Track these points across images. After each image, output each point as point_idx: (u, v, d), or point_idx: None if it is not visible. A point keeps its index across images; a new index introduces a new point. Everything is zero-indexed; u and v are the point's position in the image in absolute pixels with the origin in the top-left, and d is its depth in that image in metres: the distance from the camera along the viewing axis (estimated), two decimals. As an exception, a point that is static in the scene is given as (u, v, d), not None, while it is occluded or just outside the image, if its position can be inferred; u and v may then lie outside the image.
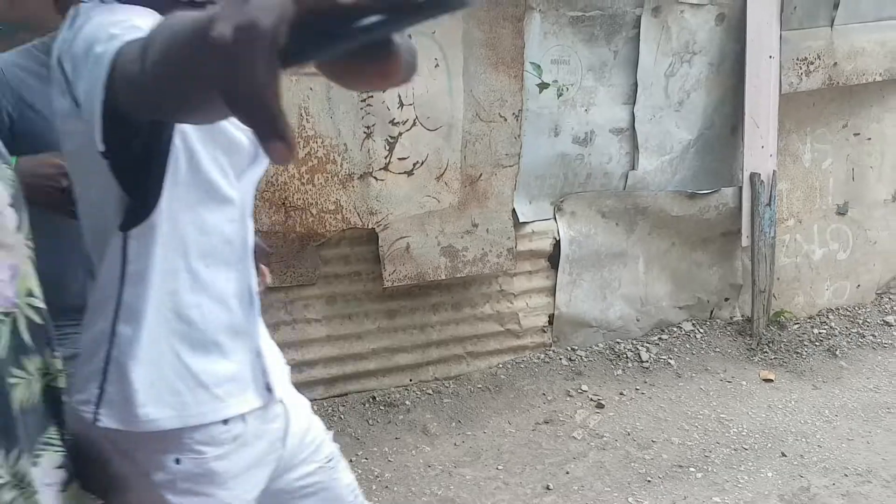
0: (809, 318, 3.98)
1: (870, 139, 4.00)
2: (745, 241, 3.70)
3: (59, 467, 0.87)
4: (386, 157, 3.00)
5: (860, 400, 3.30)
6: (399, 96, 2.95)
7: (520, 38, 3.11)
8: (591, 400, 3.31)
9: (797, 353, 3.69)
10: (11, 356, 0.81)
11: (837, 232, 4.04)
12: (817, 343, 3.77)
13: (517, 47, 3.11)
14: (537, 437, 3.06)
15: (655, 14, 3.39)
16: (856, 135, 3.98)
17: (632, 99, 3.48)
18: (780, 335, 3.78)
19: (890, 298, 4.16)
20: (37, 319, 0.86)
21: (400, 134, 3.00)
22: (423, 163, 3.07)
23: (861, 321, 3.99)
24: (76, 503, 0.89)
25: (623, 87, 3.46)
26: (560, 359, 3.58)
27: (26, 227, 0.85)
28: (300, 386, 3.40)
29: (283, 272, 2.97)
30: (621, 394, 3.36)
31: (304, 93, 2.77)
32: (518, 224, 3.36)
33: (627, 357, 3.62)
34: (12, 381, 0.80)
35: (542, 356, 3.58)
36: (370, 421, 3.14)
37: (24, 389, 0.82)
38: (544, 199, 3.44)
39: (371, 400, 3.24)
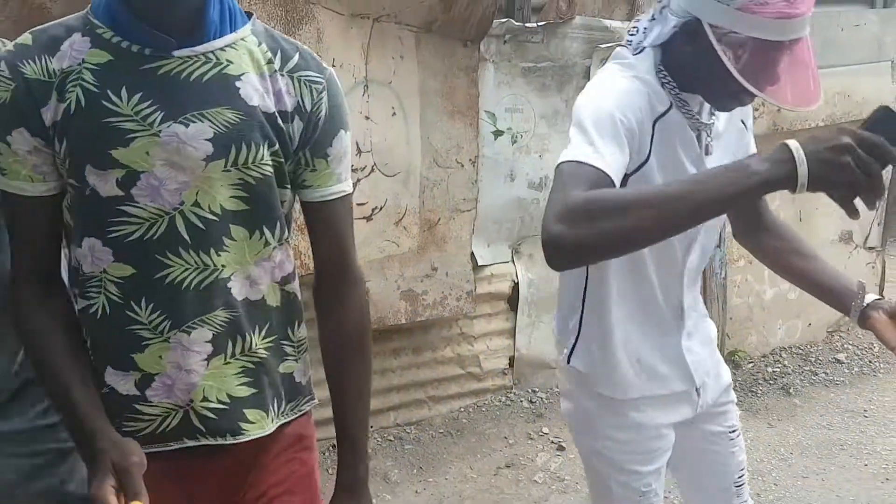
0: (763, 356, 4.07)
1: (814, 182, 4.15)
2: (698, 282, 3.79)
3: None
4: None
5: (814, 437, 3.37)
6: (357, 143, 3.00)
7: (475, 88, 3.19)
8: (553, 442, 3.32)
9: (752, 391, 3.76)
10: None
11: (787, 272, 4.16)
12: (771, 381, 3.85)
13: (472, 96, 3.19)
14: (499, 482, 3.06)
15: (604, 64, 3.51)
16: (801, 178, 4.12)
17: (584, 145, 3.58)
18: (734, 374, 3.82)
19: (840, 336, 4.27)
20: None
21: (359, 180, 3.04)
22: (381, 208, 3.11)
23: (813, 359, 4.08)
24: None
25: (575, 133, 3.56)
26: (521, 401, 3.60)
27: None
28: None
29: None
30: (582, 435, 3.38)
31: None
32: (477, 267, 3.40)
33: (587, 398, 3.65)
34: None
35: (504, 399, 3.60)
36: (330, 470, 3.08)
37: None
38: (502, 242, 3.50)
39: (331, 448, 3.20)
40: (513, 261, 3.54)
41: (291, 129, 1.11)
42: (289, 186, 1.15)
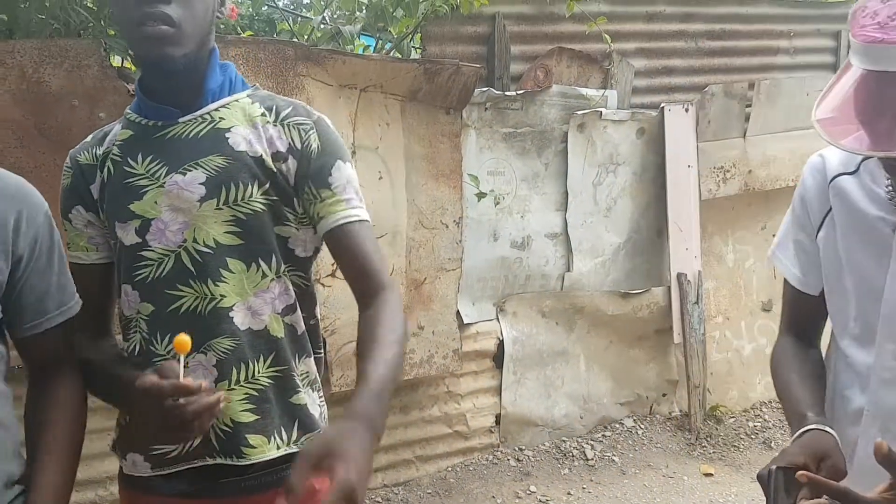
0: (744, 411, 4.13)
1: (786, 239, 4.29)
2: (677, 339, 3.88)
3: None
4: (333, 264, 3.11)
5: (796, 489, 3.41)
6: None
7: (458, 153, 3.32)
8: (540, 501, 3.34)
9: (734, 446, 3.81)
10: None
11: (764, 327, 4.26)
12: (753, 436, 3.90)
13: (455, 160, 3.32)
14: (487, 540, 3.07)
15: (581, 129, 3.67)
16: (774, 235, 4.24)
17: (564, 206, 3.71)
18: (717, 429, 3.91)
19: (818, 389, 4.35)
20: None
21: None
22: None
23: (793, 412, 4.15)
24: None
25: (555, 195, 3.69)
26: (508, 459, 3.62)
27: None
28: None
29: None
30: (569, 493, 3.40)
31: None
32: (462, 325, 3.46)
33: (573, 455, 3.68)
34: None
35: (491, 457, 3.62)
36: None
37: None
38: (487, 300, 3.58)
39: (319, 509, 3.20)
40: (497, 319, 3.61)
41: (286, 168, 1.24)
42: (292, 224, 1.26)
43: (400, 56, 3.64)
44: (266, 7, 3.56)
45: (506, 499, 3.34)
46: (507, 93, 3.51)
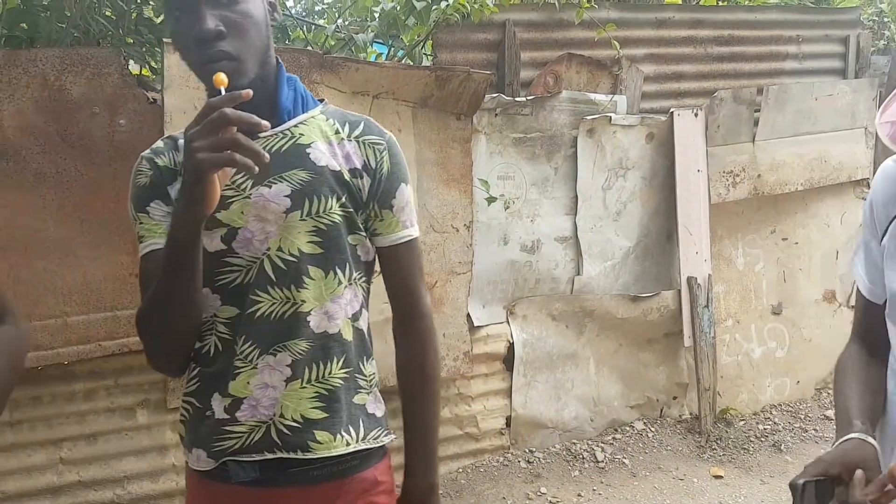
0: (754, 414, 4.15)
1: (797, 243, 4.31)
2: (687, 342, 3.90)
3: None
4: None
5: (806, 492, 3.42)
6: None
7: (468, 158, 3.37)
8: (550, 502, 3.37)
9: (744, 449, 3.82)
10: None
11: (774, 331, 4.27)
12: (763, 439, 3.92)
13: (466, 165, 3.36)
14: (497, 540, 3.10)
15: (590, 134, 3.71)
16: (784, 239, 4.28)
17: (573, 210, 3.74)
18: (727, 432, 3.93)
19: (829, 393, 4.35)
20: None
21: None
22: (379, 272, 3.23)
23: (803, 416, 4.16)
24: None
25: (565, 199, 3.73)
26: (518, 461, 3.66)
27: None
28: None
29: (244, 381, 3.05)
30: (579, 495, 3.43)
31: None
32: (473, 328, 3.51)
33: (584, 458, 3.71)
34: None
35: (501, 459, 3.65)
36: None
37: None
38: (497, 303, 3.62)
39: None
40: (507, 321, 3.65)
41: (360, 184, 1.33)
42: (361, 233, 1.35)
43: (412, 63, 3.70)
44: (284, 17, 3.62)
45: (516, 500, 3.38)
46: (518, 98, 3.56)
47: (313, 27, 3.80)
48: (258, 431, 1.28)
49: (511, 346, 3.66)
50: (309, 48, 3.47)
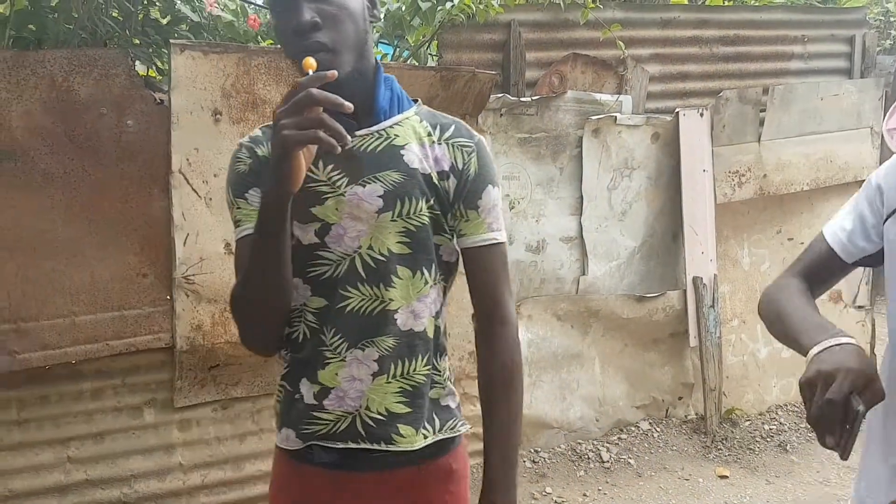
0: (760, 414, 4.14)
1: (803, 243, 4.26)
2: (692, 342, 3.90)
3: None
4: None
5: (811, 493, 3.42)
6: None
7: (474, 157, 3.36)
8: (556, 502, 3.38)
9: (750, 449, 3.82)
10: None
11: (780, 331, 4.26)
12: (768, 439, 3.92)
13: (472, 165, 3.36)
14: (503, 540, 3.10)
15: (595, 135, 3.71)
16: (789, 239, 4.28)
17: (578, 210, 3.75)
18: (732, 432, 3.92)
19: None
20: None
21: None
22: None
23: (809, 416, 4.15)
24: None
25: (570, 199, 3.73)
26: (524, 461, 3.66)
27: None
28: (266, 498, 3.40)
29: (250, 382, 3.06)
30: (584, 495, 3.43)
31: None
32: (478, 329, 3.50)
33: (589, 458, 3.72)
34: None
35: (506, 459, 3.65)
36: None
37: None
38: (502, 304, 3.62)
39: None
40: (513, 322, 3.65)
41: (447, 186, 1.35)
42: (446, 234, 1.37)
43: (417, 63, 3.70)
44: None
45: (521, 500, 3.38)
46: (523, 99, 3.56)
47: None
48: (344, 421, 1.34)
49: (516, 346, 3.66)
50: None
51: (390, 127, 1.35)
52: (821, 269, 1.40)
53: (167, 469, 2.93)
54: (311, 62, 1.17)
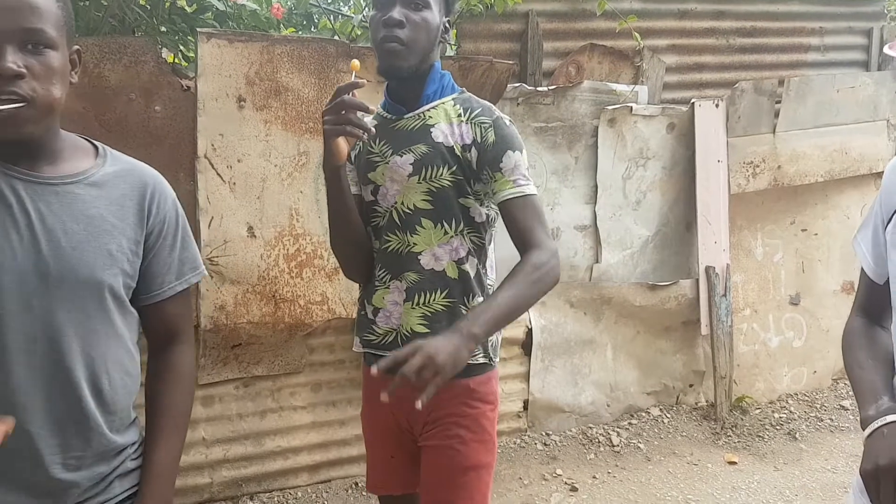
0: (770, 402, 4.19)
1: (816, 234, 4.34)
2: (704, 330, 3.95)
3: None
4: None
5: (819, 480, 3.47)
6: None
7: (490, 146, 3.43)
8: (566, 483, 3.45)
9: (759, 436, 3.87)
10: None
11: (792, 321, 4.31)
12: (778, 427, 3.96)
13: (488, 153, 3.43)
14: (514, 519, 3.19)
15: (611, 124, 3.76)
16: (803, 230, 4.31)
17: (593, 199, 3.80)
18: (742, 420, 3.98)
19: (845, 384, 4.38)
20: None
21: (382, 231, 3.27)
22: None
23: (819, 405, 4.20)
24: None
25: (584, 188, 3.79)
26: (535, 444, 3.74)
27: None
28: (286, 473, 3.50)
29: (271, 361, 3.15)
30: (594, 477, 3.50)
31: (294, 195, 3.03)
32: (492, 314, 3.57)
33: (599, 441, 3.79)
34: None
35: (518, 441, 3.74)
36: None
37: None
38: (516, 290, 3.68)
39: (354, 486, 3.35)
40: (526, 308, 3.72)
41: (470, 156, 1.68)
42: (471, 197, 1.71)
43: (436, 52, 3.76)
44: (310, 6, 3.71)
45: (532, 480, 3.46)
46: (539, 88, 3.61)
47: (339, 16, 3.88)
48: (390, 335, 1.75)
49: (529, 332, 3.74)
50: (336, 38, 3.55)
51: (427, 110, 1.71)
52: (871, 298, 1.40)
53: (191, 443, 3.03)
54: (355, 64, 1.60)
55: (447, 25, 1.75)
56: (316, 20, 3.99)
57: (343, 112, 1.53)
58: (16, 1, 1.13)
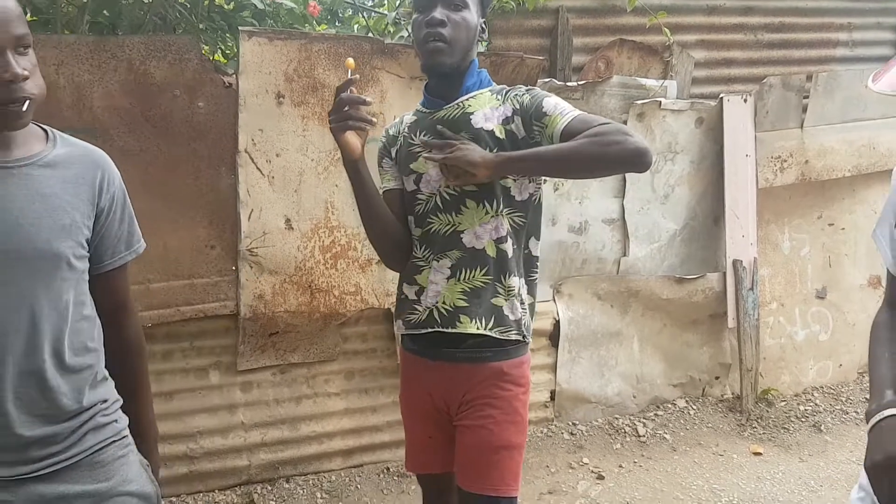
0: (795, 395, 4.22)
1: (843, 229, 4.35)
2: (731, 323, 3.99)
3: None
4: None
5: (843, 472, 3.51)
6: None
7: (520, 140, 3.49)
8: (592, 472, 3.52)
9: (784, 428, 3.91)
10: None
11: (818, 315, 4.33)
12: (803, 419, 4.00)
13: (518, 148, 3.49)
14: (542, 505, 3.27)
15: (640, 119, 3.81)
16: (830, 225, 4.33)
17: (621, 193, 3.86)
18: (767, 412, 4.02)
19: (872, 378, 4.39)
20: None
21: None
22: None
23: (844, 398, 4.22)
24: None
25: (613, 182, 3.84)
26: (562, 433, 3.81)
27: None
28: (320, 457, 3.60)
29: (307, 349, 3.25)
30: (620, 466, 3.57)
31: (330, 189, 3.12)
32: (521, 306, 3.65)
33: (625, 432, 3.85)
34: None
35: (545, 430, 3.81)
36: (384, 490, 3.34)
37: None
38: (544, 282, 3.76)
39: (385, 471, 3.45)
40: (554, 300, 3.79)
41: (513, 126, 1.79)
42: (509, 176, 1.79)
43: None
44: (345, 4, 3.79)
45: (559, 468, 3.53)
46: (569, 83, 3.67)
47: (373, 14, 3.96)
48: (432, 312, 1.84)
49: (557, 324, 3.80)
50: (370, 35, 3.63)
51: (465, 100, 1.83)
52: (894, 290, 1.45)
53: (230, 427, 3.15)
54: (350, 62, 1.73)
55: (483, 25, 1.86)
56: (340, 16, 4.06)
57: (345, 108, 1.65)
58: (6, 13, 1.25)
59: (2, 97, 1.25)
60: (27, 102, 1.28)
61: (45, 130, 1.44)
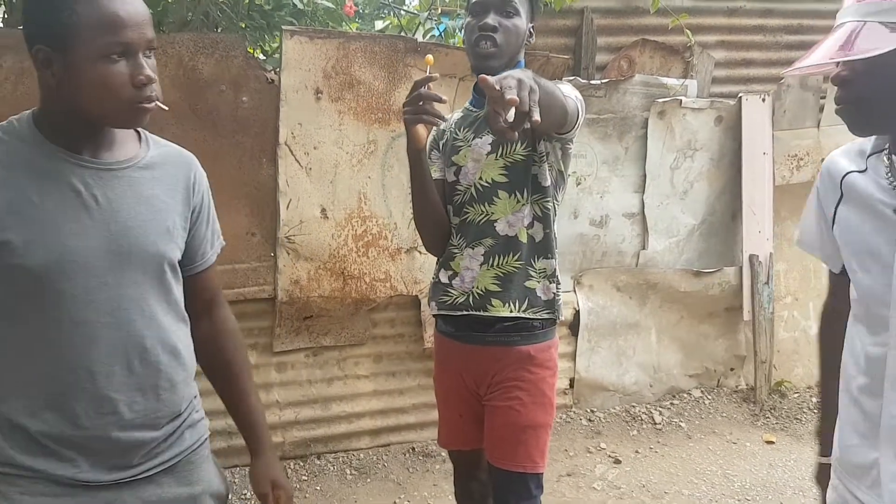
0: (808, 388, 4.33)
1: (859, 227, 4.43)
2: (746, 316, 4.11)
3: None
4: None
5: (854, 460, 3.62)
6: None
7: (545, 136, 3.63)
8: (610, 456, 3.65)
9: (797, 419, 4.03)
10: None
11: (833, 310, 4.42)
12: (815, 410, 4.10)
13: (543, 143, 3.63)
14: (561, 487, 3.40)
15: (661, 116, 3.93)
16: (846, 223, 4.41)
17: (641, 188, 3.98)
18: (781, 402, 4.13)
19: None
20: None
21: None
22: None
23: (857, 392, 4.32)
24: None
25: (633, 177, 3.97)
26: (580, 419, 3.95)
27: None
28: (349, 436, 3.75)
29: (338, 333, 3.41)
30: (637, 451, 3.70)
31: (363, 180, 3.28)
32: (543, 295, 3.79)
33: (642, 419, 3.98)
34: None
35: (564, 416, 3.95)
36: (410, 469, 3.50)
37: None
38: (565, 273, 3.89)
39: (411, 450, 3.61)
40: (574, 290, 3.93)
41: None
42: (537, 164, 1.90)
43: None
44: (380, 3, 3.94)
45: (577, 452, 3.67)
46: (593, 81, 3.79)
47: (406, 14, 4.11)
48: (465, 296, 1.96)
49: (577, 314, 3.93)
50: (403, 34, 3.78)
51: None
52: (837, 288, 1.49)
53: (265, 404, 3.29)
54: (430, 59, 1.79)
55: (531, 31, 1.97)
56: (361, 13, 4.20)
57: (421, 103, 1.73)
58: (142, 17, 1.28)
59: (136, 98, 1.27)
60: (154, 105, 1.31)
61: (136, 130, 1.43)
